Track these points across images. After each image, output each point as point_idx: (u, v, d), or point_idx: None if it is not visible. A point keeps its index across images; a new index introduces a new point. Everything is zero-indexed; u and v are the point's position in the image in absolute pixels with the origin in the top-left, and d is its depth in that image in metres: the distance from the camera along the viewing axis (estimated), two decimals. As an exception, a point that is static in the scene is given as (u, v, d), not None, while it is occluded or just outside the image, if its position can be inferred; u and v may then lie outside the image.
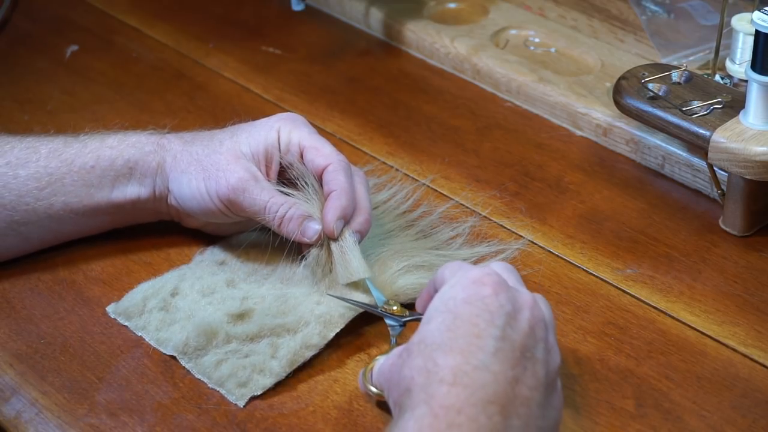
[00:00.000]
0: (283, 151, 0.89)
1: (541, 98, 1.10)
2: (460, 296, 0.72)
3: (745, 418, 0.79)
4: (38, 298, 0.89)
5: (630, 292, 0.90)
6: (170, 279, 0.89)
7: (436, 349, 0.70)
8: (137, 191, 0.90)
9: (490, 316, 0.71)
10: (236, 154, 0.88)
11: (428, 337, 0.71)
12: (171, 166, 0.90)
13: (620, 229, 0.96)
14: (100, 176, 0.90)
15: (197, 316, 0.84)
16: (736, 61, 1.01)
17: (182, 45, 1.23)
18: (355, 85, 1.16)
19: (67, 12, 1.30)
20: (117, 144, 0.91)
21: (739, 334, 0.86)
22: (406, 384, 0.70)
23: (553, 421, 0.72)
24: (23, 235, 0.90)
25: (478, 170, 1.03)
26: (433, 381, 0.69)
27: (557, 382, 0.74)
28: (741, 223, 0.95)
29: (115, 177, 0.90)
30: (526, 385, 0.70)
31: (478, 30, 1.18)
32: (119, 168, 0.90)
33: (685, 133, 0.94)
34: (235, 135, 0.90)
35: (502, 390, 0.69)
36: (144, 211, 0.92)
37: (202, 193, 0.88)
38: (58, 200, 0.89)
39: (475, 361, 0.69)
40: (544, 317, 0.74)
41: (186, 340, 0.83)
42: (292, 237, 0.87)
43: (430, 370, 0.69)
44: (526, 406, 0.69)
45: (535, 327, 0.73)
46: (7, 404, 0.81)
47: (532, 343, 0.72)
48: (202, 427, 0.79)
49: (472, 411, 0.67)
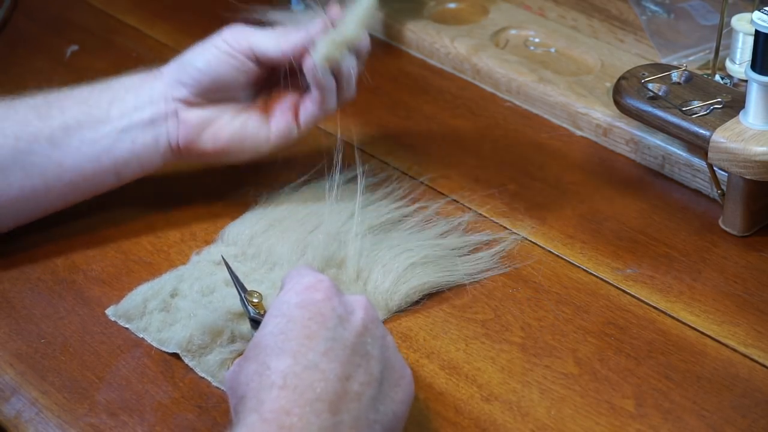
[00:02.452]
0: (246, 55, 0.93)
1: (541, 98, 1.10)
2: (294, 301, 0.73)
3: (745, 418, 0.79)
4: (38, 297, 0.89)
5: (630, 292, 0.90)
6: (168, 280, 0.89)
7: (270, 353, 0.71)
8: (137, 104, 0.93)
9: (322, 319, 0.72)
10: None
11: (262, 341, 0.72)
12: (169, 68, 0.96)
13: (620, 229, 0.96)
14: (98, 99, 0.93)
15: (200, 315, 0.84)
16: (736, 61, 1.01)
17: (182, 45, 1.22)
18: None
19: (67, 12, 1.30)
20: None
21: (739, 334, 0.86)
22: (241, 391, 0.71)
23: (392, 414, 0.72)
24: (26, 171, 0.90)
25: (478, 170, 1.03)
26: (264, 386, 0.69)
27: (403, 377, 0.74)
28: (741, 223, 0.95)
29: (113, 98, 0.93)
30: (357, 381, 0.70)
31: (478, 30, 1.18)
32: (117, 91, 0.94)
33: (685, 133, 0.94)
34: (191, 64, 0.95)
35: (332, 387, 0.69)
36: (149, 150, 0.94)
37: (209, 49, 0.93)
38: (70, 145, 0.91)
39: (305, 362, 0.70)
40: (378, 317, 0.75)
41: (190, 337, 0.83)
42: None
43: (262, 374, 0.70)
44: (357, 401, 0.70)
45: (369, 325, 0.74)
46: (7, 404, 0.81)
47: (366, 340, 0.73)
48: (202, 426, 0.79)
49: (301, 411, 0.68)
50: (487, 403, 0.80)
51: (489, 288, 0.90)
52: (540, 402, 0.80)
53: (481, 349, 0.84)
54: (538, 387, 0.81)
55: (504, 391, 0.81)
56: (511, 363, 0.83)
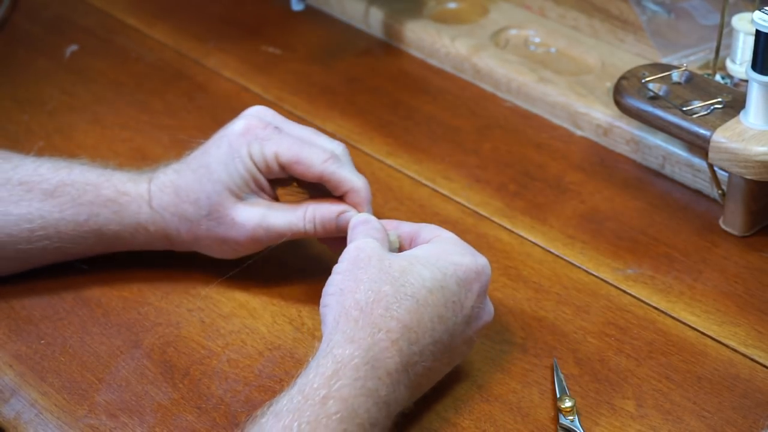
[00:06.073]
0: (264, 172, 0.85)
1: (542, 98, 1.10)
2: (459, 275, 0.77)
3: (745, 418, 0.79)
4: (38, 298, 0.89)
5: (630, 292, 0.90)
6: None
7: (410, 296, 0.74)
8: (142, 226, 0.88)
9: (460, 310, 0.77)
10: (231, 203, 0.85)
11: (411, 277, 0.75)
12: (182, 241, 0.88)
13: (620, 229, 0.96)
14: (95, 230, 0.87)
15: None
16: (737, 61, 1.01)
17: (182, 45, 1.23)
18: (355, 85, 1.16)
19: (67, 12, 1.30)
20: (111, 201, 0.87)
21: (740, 334, 0.86)
22: (362, 299, 0.73)
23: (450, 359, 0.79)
24: (21, 259, 0.88)
25: (478, 170, 1.03)
26: (383, 328, 0.72)
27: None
28: (741, 223, 0.95)
29: (117, 233, 0.88)
30: (428, 376, 0.76)
31: (478, 30, 1.18)
32: (117, 231, 0.88)
33: (686, 133, 0.94)
34: (213, 177, 0.85)
35: (416, 373, 0.74)
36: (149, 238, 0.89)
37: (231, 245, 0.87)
38: (52, 245, 0.87)
39: (420, 338, 0.74)
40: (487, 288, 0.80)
41: None
42: (331, 233, 0.85)
43: (390, 313, 0.73)
44: (418, 389, 0.76)
45: (475, 335, 0.79)
46: (6, 405, 0.81)
47: (462, 348, 0.79)
48: (202, 428, 0.79)
49: (394, 378, 0.72)
50: (487, 403, 0.80)
51: (489, 288, 0.89)
52: (540, 402, 0.80)
53: (481, 349, 0.84)
54: (538, 387, 0.81)
55: (504, 391, 0.81)
56: (511, 363, 0.83)
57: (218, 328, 0.87)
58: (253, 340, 0.86)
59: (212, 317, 0.88)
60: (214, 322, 0.87)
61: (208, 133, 0.91)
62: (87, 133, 1.08)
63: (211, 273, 0.91)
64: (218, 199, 0.85)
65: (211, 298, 0.89)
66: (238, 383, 0.82)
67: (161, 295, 0.90)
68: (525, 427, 0.79)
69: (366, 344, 0.71)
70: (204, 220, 0.85)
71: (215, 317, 0.88)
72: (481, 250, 0.86)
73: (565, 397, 0.79)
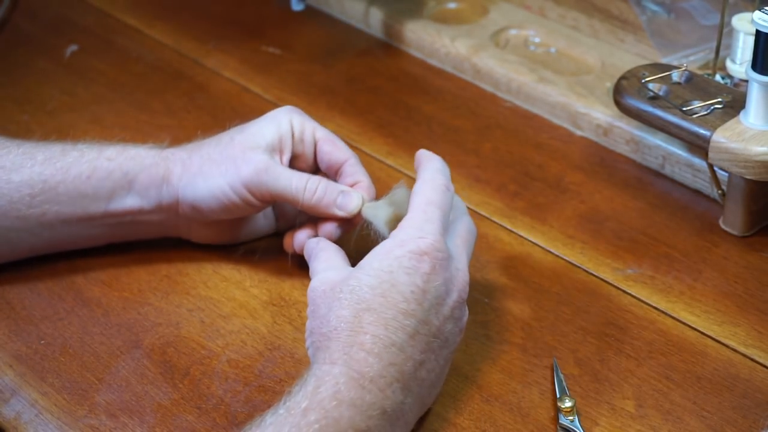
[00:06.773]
0: (296, 141, 0.89)
1: (541, 98, 1.10)
2: (404, 264, 0.75)
3: (745, 418, 0.79)
4: (38, 298, 0.89)
5: (630, 293, 0.90)
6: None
7: (366, 309, 0.74)
8: (138, 203, 0.89)
9: (422, 296, 0.75)
10: (250, 145, 0.87)
11: (361, 291, 0.74)
12: (180, 174, 0.88)
13: (620, 229, 0.96)
14: (95, 187, 0.88)
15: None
16: (737, 61, 1.01)
17: (182, 45, 1.23)
18: (355, 85, 1.16)
19: (67, 12, 1.30)
20: (116, 156, 0.89)
21: (740, 334, 0.86)
22: (328, 330, 0.74)
23: (434, 397, 0.78)
24: (12, 243, 0.89)
25: (478, 170, 1.03)
26: (354, 343, 0.72)
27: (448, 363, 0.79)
28: (741, 223, 0.95)
29: (113, 189, 0.88)
30: (426, 368, 0.75)
31: (478, 30, 1.18)
32: (117, 180, 0.88)
33: (686, 133, 0.94)
34: (244, 130, 0.89)
35: (408, 371, 0.73)
36: (145, 225, 0.91)
37: (222, 188, 0.86)
38: (51, 209, 0.88)
39: (395, 338, 0.73)
40: (466, 298, 0.78)
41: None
42: (328, 211, 0.86)
43: (354, 329, 0.73)
44: (420, 386, 0.75)
45: (456, 311, 0.77)
46: (6, 405, 0.81)
47: (447, 327, 0.76)
48: (202, 428, 0.79)
49: (381, 383, 0.72)
50: (487, 404, 0.80)
51: (489, 288, 0.90)
52: (540, 402, 0.80)
53: (481, 350, 0.84)
54: (538, 387, 0.81)
55: (504, 392, 0.81)
56: (511, 363, 0.83)
57: (218, 328, 0.87)
58: (253, 340, 0.86)
59: (212, 317, 0.88)
60: (214, 322, 0.87)
61: (208, 133, 0.91)
62: (87, 133, 1.08)
63: (212, 273, 0.91)
64: (240, 138, 0.88)
65: (211, 298, 0.89)
66: (238, 383, 0.82)
67: (161, 295, 0.90)
68: (525, 427, 0.79)
69: (343, 360, 0.72)
70: (207, 147, 0.89)
71: (215, 317, 0.88)
72: (481, 250, 0.87)
73: (565, 397, 0.79)
